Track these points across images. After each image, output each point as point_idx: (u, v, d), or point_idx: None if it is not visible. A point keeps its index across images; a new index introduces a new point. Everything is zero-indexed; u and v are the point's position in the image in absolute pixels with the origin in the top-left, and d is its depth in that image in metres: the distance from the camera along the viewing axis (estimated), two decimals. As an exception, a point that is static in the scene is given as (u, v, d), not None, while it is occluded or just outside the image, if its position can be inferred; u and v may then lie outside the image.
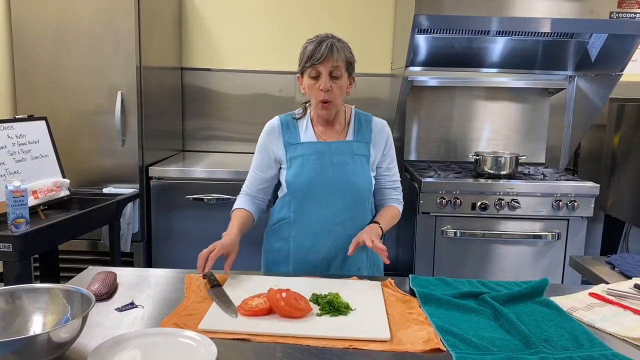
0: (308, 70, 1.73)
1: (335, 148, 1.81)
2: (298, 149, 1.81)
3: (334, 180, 1.78)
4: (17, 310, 1.20)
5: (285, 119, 1.87)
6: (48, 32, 2.86)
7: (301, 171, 1.78)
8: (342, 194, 1.78)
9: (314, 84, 1.74)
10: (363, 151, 1.83)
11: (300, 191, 1.79)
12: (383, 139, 1.88)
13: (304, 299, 1.39)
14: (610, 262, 1.87)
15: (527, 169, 3.31)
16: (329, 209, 1.79)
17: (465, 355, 1.17)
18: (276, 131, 1.85)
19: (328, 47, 1.69)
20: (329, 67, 1.71)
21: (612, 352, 1.20)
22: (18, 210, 2.04)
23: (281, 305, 1.33)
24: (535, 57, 3.42)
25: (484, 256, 2.98)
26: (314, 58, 1.70)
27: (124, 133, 2.91)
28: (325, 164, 1.78)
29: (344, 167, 1.79)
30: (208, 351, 1.13)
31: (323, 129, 1.85)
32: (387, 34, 3.59)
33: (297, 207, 1.81)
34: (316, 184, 1.78)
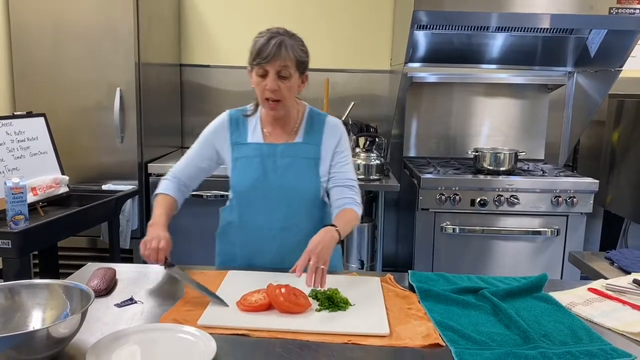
0: (255, 68, 1.62)
1: (281, 150, 1.71)
2: (243, 149, 1.73)
3: (278, 185, 1.69)
4: (16, 305, 1.20)
5: (235, 116, 1.79)
6: (47, 28, 2.86)
7: (244, 174, 1.72)
8: (287, 199, 1.70)
9: (261, 82, 1.63)
10: (311, 154, 1.73)
11: (244, 194, 1.73)
12: (335, 139, 1.76)
13: (303, 294, 1.39)
14: (610, 257, 1.87)
15: (527, 165, 3.31)
16: (273, 214, 1.71)
17: (464, 350, 1.17)
18: (225, 127, 1.77)
19: (276, 46, 1.58)
20: (277, 67, 1.59)
21: (610, 346, 1.21)
22: (17, 207, 2.04)
23: (280, 300, 1.33)
24: (534, 53, 3.42)
25: (483, 252, 2.99)
26: (260, 56, 1.58)
27: (122, 130, 2.91)
28: (269, 168, 1.70)
29: (289, 171, 1.70)
30: (207, 346, 1.13)
31: (271, 129, 1.76)
32: (387, 30, 3.59)
33: (242, 211, 1.75)
34: (259, 188, 1.70)
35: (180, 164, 1.82)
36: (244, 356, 1.15)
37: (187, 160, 1.81)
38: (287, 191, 1.70)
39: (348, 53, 3.59)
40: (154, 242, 1.53)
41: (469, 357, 1.14)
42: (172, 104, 3.53)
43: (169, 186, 1.78)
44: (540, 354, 1.15)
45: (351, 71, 3.60)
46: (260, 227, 1.73)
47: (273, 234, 1.72)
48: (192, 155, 1.80)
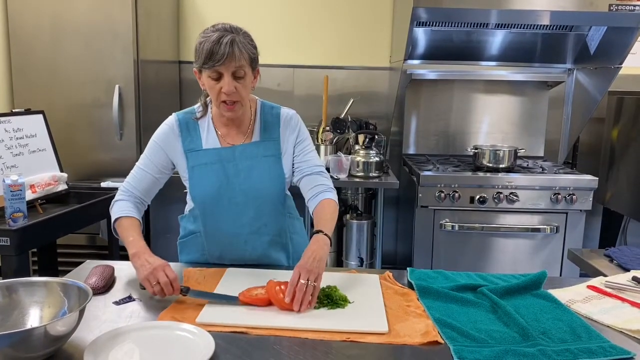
0: (207, 71, 1.51)
1: (240, 152, 1.64)
2: (200, 156, 1.63)
3: (243, 188, 1.62)
4: (14, 303, 1.20)
5: (184, 119, 1.67)
6: (45, 26, 2.85)
7: (205, 182, 1.63)
8: (254, 202, 1.63)
9: (215, 85, 1.52)
10: (272, 151, 1.66)
11: (207, 204, 1.65)
12: (294, 131, 1.69)
13: None
14: (609, 254, 1.87)
15: (526, 163, 3.31)
16: (241, 219, 1.64)
17: (462, 347, 1.17)
18: (175, 133, 1.66)
19: (229, 46, 1.47)
20: (232, 68, 1.49)
21: (609, 344, 1.20)
22: (16, 204, 2.04)
23: (280, 297, 1.33)
24: (534, 50, 3.41)
25: (482, 249, 2.99)
26: (213, 59, 1.47)
27: (121, 127, 2.91)
28: (231, 172, 1.62)
29: (252, 173, 1.63)
30: (206, 344, 1.13)
31: (226, 131, 1.66)
32: (386, 26, 3.58)
33: (207, 220, 1.67)
34: (223, 195, 1.62)
35: (132, 178, 1.69)
36: (242, 354, 1.15)
37: (140, 173, 1.68)
38: (253, 194, 1.63)
39: (347, 50, 3.58)
40: (160, 276, 1.38)
41: (468, 354, 1.14)
42: (171, 101, 3.53)
43: (127, 207, 1.65)
44: (539, 352, 1.15)
45: (350, 68, 3.60)
46: (228, 234, 1.67)
47: (244, 239, 1.67)
48: (144, 167, 1.67)
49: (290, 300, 1.33)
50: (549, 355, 1.14)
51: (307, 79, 3.57)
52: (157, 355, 1.13)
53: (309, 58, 3.56)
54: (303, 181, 1.69)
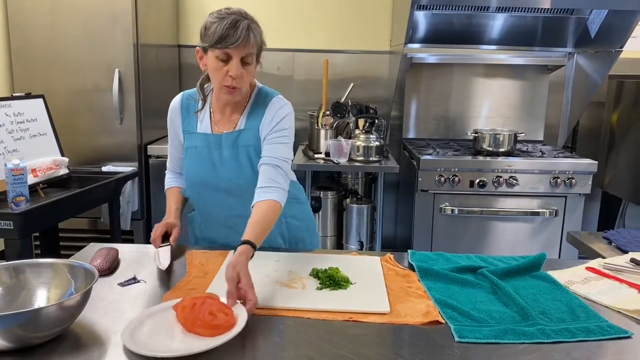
0: (216, 51, 1.50)
1: (225, 141, 1.65)
2: (193, 138, 1.69)
3: (226, 176, 1.66)
4: (21, 284, 1.21)
5: (187, 101, 1.72)
6: (44, 9, 2.83)
7: (194, 165, 1.69)
8: (238, 189, 1.66)
9: (221, 67, 1.52)
10: (251, 140, 1.64)
11: (196, 185, 1.71)
12: (274, 119, 1.63)
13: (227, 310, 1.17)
14: (607, 237, 1.89)
15: (526, 147, 3.32)
16: (226, 204, 1.69)
17: (463, 327, 1.19)
18: (177, 113, 1.73)
19: (245, 30, 1.48)
20: (243, 53, 1.51)
21: (607, 323, 1.22)
22: (18, 189, 2.04)
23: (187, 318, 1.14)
24: (534, 34, 3.40)
25: (482, 233, 3.01)
26: (227, 41, 1.47)
27: (122, 111, 2.91)
28: (216, 159, 1.66)
29: (232, 163, 1.65)
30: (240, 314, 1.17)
31: (220, 117, 1.68)
32: (386, 10, 3.56)
33: (198, 200, 1.75)
34: (209, 180, 1.67)
35: (169, 156, 1.84)
36: (246, 334, 1.16)
37: (170, 151, 1.82)
38: (234, 182, 1.66)
39: (347, 34, 3.56)
40: (153, 231, 1.62)
41: (468, 333, 1.16)
42: (171, 85, 3.52)
43: (169, 178, 1.84)
44: (538, 331, 1.17)
45: (351, 52, 3.59)
46: (217, 215, 1.73)
47: (233, 222, 1.69)
48: (170, 146, 1.81)
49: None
50: (548, 335, 1.16)
51: (307, 63, 3.55)
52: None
53: (309, 42, 3.55)
54: (261, 169, 1.59)
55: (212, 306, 1.14)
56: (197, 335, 1.11)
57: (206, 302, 1.15)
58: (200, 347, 1.05)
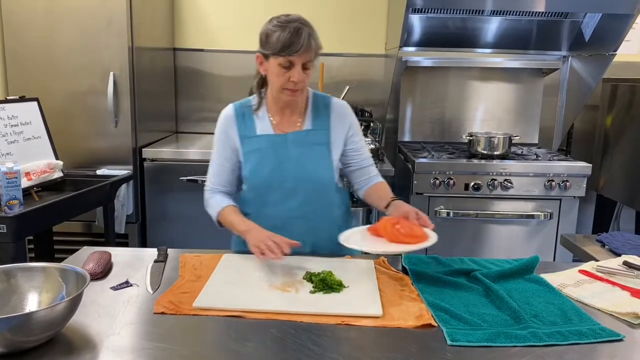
0: (279, 59, 1.58)
1: (292, 140, 1.71)
2: (253, 142, 1.72)
3: (293, 174, 1.70)
4: (12, 288, 1.21)
5: (241, 109, 1.76)
6: (39, 11, 2.82)
7: (258, 167, 1.71)
8: (303, 187, 1.70)
9: (284, 73, 1.60)
10: (321, 139, 1.73)
11: (258, 187, 1.72)
12: (344, 122, 1.77)
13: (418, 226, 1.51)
14: (601, 240, 1.89)
15: (520, 150, 3.33)
16: (289, 204, 1.71)
17: (456, 330, 1.19)
18: (231, 122, 1.74)
19: (306, 38, 1.56)
20: (305, 59, 1.59)
21: (600, 326, 1.23)
22: (11, 192, 2.04)
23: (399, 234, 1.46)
24: (529, 37, 3.41)
25: (477, 236, 3.01)
26: (291, 49, 1.55)
27: (116, 114, 2.90)
28: (283, 158, 1.70)
29: (302, 160, 1.70)
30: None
31: (279, 119, 1.74)
32: (381, 14, 3.57)
33: (258, 202, 1.74)
34: (275, 179, 1.70)
35: (211, 175, 1.79)
36: (239, 337, 1.17)
37: (216, 168, 1.77)
38: (302, 180, 1.70)
39: (343, 37, 3.57)
40: (268, 241, 1.49)
41: (461, 336, 1.16)
42: (166, 88, 3.52)
43: (220, 200, 1.75)
44: (531, 334, 1.17)
45: (346, 55, 3.59)
46: (276, 217, 1.72)
47: (290, 223, 1.71)
48: (219, 161, 1.77)
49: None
50: (540, 338, 1.16)
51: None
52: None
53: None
54: (356, 173, 1.82)
55: (409, 222, 1.51)
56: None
57: (401, 220, 1.51)
58: (409, 248, 1.43)
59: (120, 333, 1.16)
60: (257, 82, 1.75)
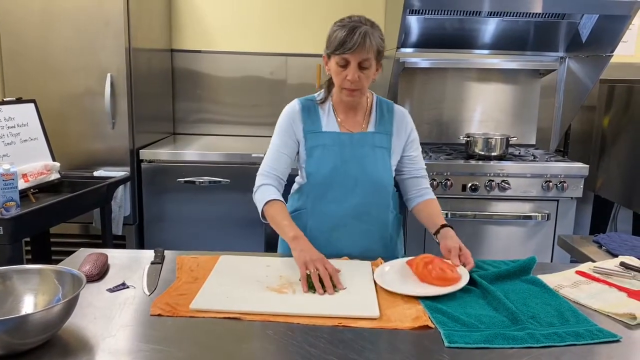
0: (336, 57, 1.62)
1: (357, 140, 1.74)
2: (319, 138, 1.73)
3: (354, 174, 1.71)
4: (8, 291, 1.21)
5: (307, 104, 1.78)
6: (35, 12, 2.82)
7: (322, 162, 1.72)
8: (362, 188, 1.72)
9: (341, 72, 1.64)
10: (384, 143, 1.76)
11: (319, 183, 1.73)
12: (405, 129, 1.81)
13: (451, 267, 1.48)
14: (598, 241, 1.90)
15: (518, 151, 3.33)
16: (347, 202, 1.72)
17: (453, 332, 1.19)
18: (297, 116, 1.75)
19: (361, 37, 1.57)
20: (359, 58, 1.60)
21: (596, 327, 1.23)
22: (8, 194, 2.04)
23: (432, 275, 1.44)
24: (526, 38, 3.42)
25: (474, 237, 3.01)
26: (345, 47, 1.58)
27: (114, 116, 2.90)
28: (347, 157, 1.72)
29: (365, 160, 1.73)
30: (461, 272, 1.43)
31: (344, 117, 1.77)
32: (379, 15, 3.57)
33: (315, 198, 1.75)
34: (336, 176, 1.71)
35: (269, 160, 1.75)
36: (236, 339, 1.16)
37: (277, 154, 1.75)
38: (362, 180, 1.72)
39: (340, 38, 3.56)
40: (320, 267, 1.43)
41: (458, 338, 1.16)
42: (164, 89, 3.52)
43: (272, 191, 1.70)
44: (528, 335, 1.17)
45: (343, 56, 3.58)
46: (332, 215, 1.73)
47: (345, 222, 1.73)
48: (279, 148, 1.75)
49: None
50: (538, 339, 1.16)
51: (300, 67, 3.55)
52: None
53: (302, 46, 3.55)
54: (410, 182, 1.84)
55: (442, 264, 1.46)
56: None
57: (435, 260, 1.47)
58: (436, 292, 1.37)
59: (117, 335, 1.16)
60: (328, 80, 1.79)
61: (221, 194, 2.98)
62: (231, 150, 3.04)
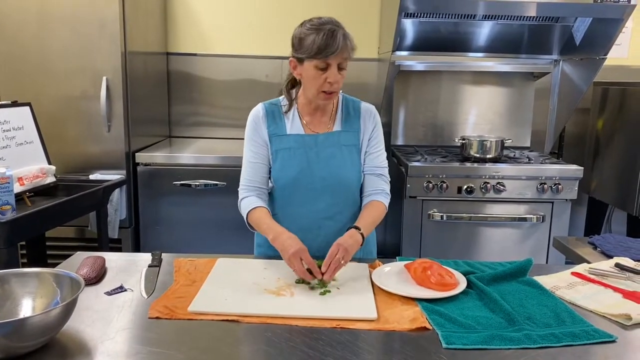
0: (315, 61, 1.59)
1: (323, 140, 1.72)
2: (284, 141, 1.72)
3: (322, 175, 1.69)
4: (6, 294, 1.20)
5: (270, 108, 1.76)
6: (31, 15, 2.82)
7: (287, 165, 1.70)
8: (331, 188, 1.70)
9: (320, 75, 1.60)
10: (352, 141, 1.75)
11: (286, 186, 1.71)
12: (371, 125, 1.78)
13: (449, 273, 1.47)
14: (593, 242, 1.91)
15: (513, 153, 3.34)
16: (317, 204, 1.71)
17: (450, 333, 1.20)
18: (261, 120, 1.74)
19: (341, 39, 1.57)
20: (340, 60, 1.59)
21: (592, 328, 1.24)
22: (4, 197, 2.03)
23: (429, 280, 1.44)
24: (520, 41, 3.44)
25: (470, 239, 3.02)
26: (328, 50, 1.56)
27: (109, 119, 2.89)
28: (312, 158, 1.70)
29: (332, 161, 1.71)
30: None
31: (310, 119, 1.75)
32: (374, 18, 3.59)
33: (284, 202, 1.74)
34: (302, 179, 1.69)
35: (246, 174, 1.74)
36: (234, 342, 1.17)
37: (251, 166, 1.74)
38: (331, 181, 1.70)
39: (336, 41, 3.57)
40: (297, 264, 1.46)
41: (456, 339, 1.17)
42: (159, 92, 3.51)
43: (252, 201, 1.70)
44: (525, 336, 1.18)
45: (339, 59, 3.59)
46: (303, 217, 1.72)
47: (318, 224, 1.72)
48: (252, 159, 1.74)
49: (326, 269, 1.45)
50: (534, 340, 1.17)
51: (295, 70, 3.55)
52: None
53: (298, 49, 3.55)
54: (366, 179, 1.78)
55: (441, 269, 1.46)
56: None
57: (434, 266, 1.47)
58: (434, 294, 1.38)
59: (115, 338, 1.16)
60: (288, 83, 1.77)
61: (217, 197, 2.98)
62: (227, 153, 3.04)
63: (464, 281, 1.46)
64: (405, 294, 1.38)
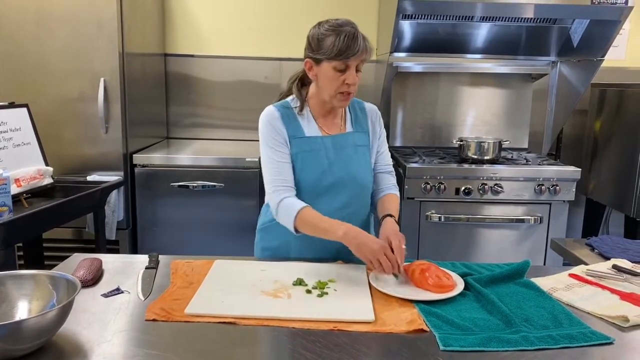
0: (335, 63, 1.59)
1: (338, 141, 1.73)
2: (303, 143, 1.70)
3: (340, 176, 1.70)
4: (2, 296, 1.20)
5: (284, 111, 1.72)
6: (29, 16, 2.81)
7: (310, 168, 1.69)
8: (347, 189, 1.72)
9: (338, 76, 1.60)
10: (364, 141, 1.78)
11: (306, 188, 1.69)
12: (377, 125, 1.84)
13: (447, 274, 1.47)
14: (590, 244, 1.91)
15: (510, 154, 3.35)
16: (333, 205, 1.69)
17: (448, 335, 1.20)
18: (278, 121, 1.69)
19: (362, 40, 1.59)
20: (359, 61, 1.62)
21: (590, 329, 1.24)
22: (1, 199, 2.02)
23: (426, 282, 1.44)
24: (518, 43, 3.44)
25: (468, 240, 3.02)
26: (349, 52, 1.57)
27: (107, 120, 2.89)
28: (332, 160, 1.70)
29: (349, 161, 1.72)
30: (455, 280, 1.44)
31: (323, 121, 1.75)
32: (372, 19, 3.59)
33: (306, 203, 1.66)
34: (323, 180, 1.69)
35: (274, 174, 1.67)
36: (231, 344, 1.16)
37: (278, 165, 1.67)
38: (348, 181, 1.72)
39: (334, 43, 3.57)
40: (383, 259, 1.46)
41: (453, 341, 1.17)
42: (157, 94, 3.51)
43: (296, 200, 1.64)
44: (522, 338, 1.18)
45: (337, 61, 3.59)
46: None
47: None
48: (281, 158, 1.68)
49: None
50: (532, 342, 1.17)
51: (294, 71, 3.55)
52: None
53: (296, 51, 3.54)
54: (377, 177, 1.84)
55: (438, 271, 1.46)
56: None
57: (431, 267, 1.47)
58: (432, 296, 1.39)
59: (112, 340, 1.16)
60: (297, 83, 1.77)
61: (215, 198, 2.98)
62: (225, 155, 3.04)
63: (462, 283, 1.46)
64: (402, 296, 1.38)
